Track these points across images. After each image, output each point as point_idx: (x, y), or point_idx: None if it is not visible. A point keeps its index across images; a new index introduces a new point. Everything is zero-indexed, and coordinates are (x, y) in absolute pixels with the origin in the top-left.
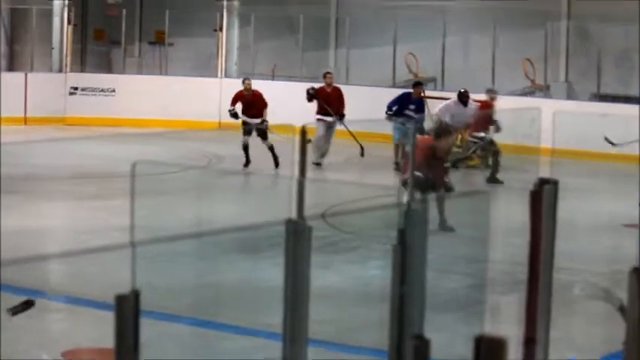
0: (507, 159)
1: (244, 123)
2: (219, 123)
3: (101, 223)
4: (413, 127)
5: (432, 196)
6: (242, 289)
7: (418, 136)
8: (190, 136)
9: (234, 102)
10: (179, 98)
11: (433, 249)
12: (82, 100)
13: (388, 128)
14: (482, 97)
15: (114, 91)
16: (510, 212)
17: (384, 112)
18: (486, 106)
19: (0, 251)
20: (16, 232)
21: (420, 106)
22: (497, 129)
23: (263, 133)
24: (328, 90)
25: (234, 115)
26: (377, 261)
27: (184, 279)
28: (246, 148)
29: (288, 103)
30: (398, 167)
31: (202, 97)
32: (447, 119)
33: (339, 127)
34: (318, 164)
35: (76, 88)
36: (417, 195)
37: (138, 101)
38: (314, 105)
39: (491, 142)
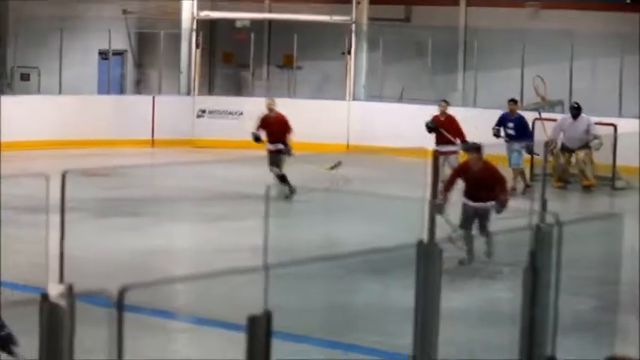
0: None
1: (269, 151)
2: (347, 145)
3: (230, 243)
4: (520, 146)
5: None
6: (371, 310)
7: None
8: (317, 160)
9: (258, 125)
10: (307, 121)
11: (562, 271)
12: (210, 123)
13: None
14: (606, 120)
15: (242, 113)
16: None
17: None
18: None
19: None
20: (145, 253)
21: (520, 124)
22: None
23: (277, 160)
24: (442, 119)
25: (257, 138)
26: (505, 283)
27: (314, 300)
28: (282, 177)
29: (417, 126)
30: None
31: (330, 120)
32: (558, 137)
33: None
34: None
35: (203, 111)
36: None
37: None
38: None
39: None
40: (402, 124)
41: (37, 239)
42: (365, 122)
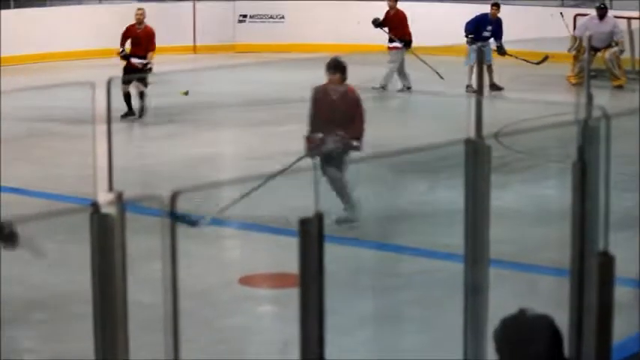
0: None
1: (128, 67)
2: (389, 46)
3: (274, 148)
4: (489, 47)
5: None
6: (420, 211)
7: None
8: (360, 60)
9: (123, 39)
10: (350, 22)
11: (611, 166)
12: (251, 28)
13: (556, 47)
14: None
15: (283, 17)
16: None
17: (465, 36)
18: None
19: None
20: (188, 160)
21: (497, 27)
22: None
23: (142, 78)
24: (391, 14)
25: (125, 57)
26: (553, 180)
27: (362, 202)
28: (127, 97)
29: (454, 25)
30: (469, 90)
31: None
32: (585, 36)
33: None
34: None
35: (245, 16)
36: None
37: (308, 27)
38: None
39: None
40: (440, 23)
41: (84, 150)
42: (419, 23)
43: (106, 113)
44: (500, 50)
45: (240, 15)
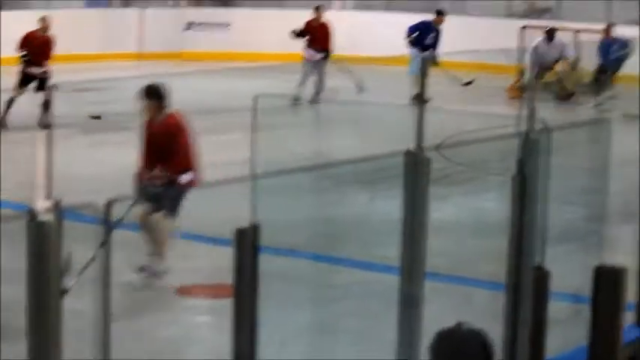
0: (628, 89)
1: (25, 74)
2: (334, 56)
3: (218, 157)
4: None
5: None
6: (359, 222)
7: None
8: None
9: (22, 45)
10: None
11: (550, 180)
12: (198, 35)
13: (500, 59)
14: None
15: (229, 25)
16: (629, 142)
17: (407, 36)
18: None
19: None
20: (130, 168)
21: (437, 37)
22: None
23: (42, 84)
24: (315, 25)
25: (28, 62)
26: (493, 192)
27: (301, 213)
28: (10, 102)
29: (403, 36)
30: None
31: None
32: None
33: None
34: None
35: (191, 23)
36: None
37: (254, 35)
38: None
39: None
40: (388, 33)
41: (25, 157)
42: (352, 32)
43: (49, 119)
44: (435, 60)
45: (187, 23)
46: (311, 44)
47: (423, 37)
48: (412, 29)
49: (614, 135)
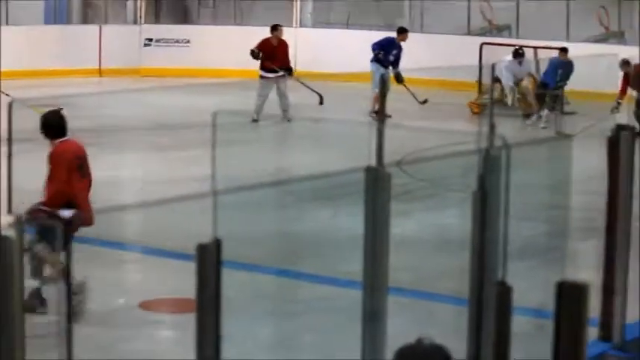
0: (585, 106)
1: None
2: (295, 72)
3: (178, 173)
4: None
5: None
6: (321, 237)
7: None
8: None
9: None
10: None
11: (511, 196)
12: (157, 52)
13: (461, 75)
14: (554, 44)
15: (188, 42)
16: (588, 159)
17: (373, 53)
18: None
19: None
20: (93, 183)
21: (399, 53)
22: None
23: None
24: (274, 44)
25: None
26: (454, 208)
27: (263, 228)
28: None
29: (364, 53)
30: (377, 115)
31: None
32: (507, 78)
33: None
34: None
35: (150, 40)
36: None
37: (213, 52)
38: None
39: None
40: (349, 50)
41: None
42: (312, 49)
43: (7, 135)
44: (399, 78)
45: (146, 39)
46: (269, 62)
47: (387, 53)
48: (377, 46)
49: (579, 151)
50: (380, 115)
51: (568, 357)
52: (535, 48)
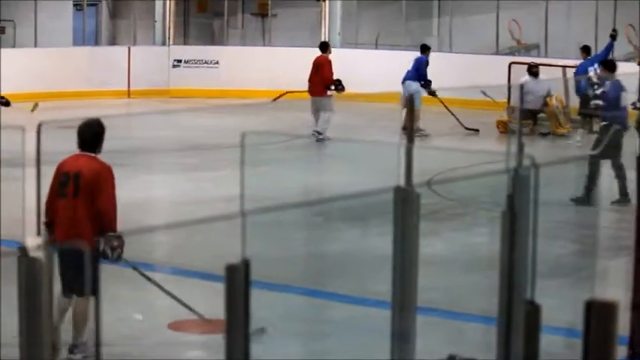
0: None
1: None
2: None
3: (206, 194)
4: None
5: None
6: (350, 257)
7: None
8: (296, 106)
9: None
10: (283, 69)
11: (540, 215)
12: (186, 73)
13: (490, 94)
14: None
15: (217, 63)
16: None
17: (422, 74)
18: None
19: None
20: (120, 204)
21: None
22: None
23: None
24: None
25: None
26: (483, 228)
27: (292, 249)
28: None
29: (392, 72)
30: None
31: (306, 68)
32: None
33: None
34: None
35: (179, 61)
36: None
37: (241, 73)
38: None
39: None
40: (377, 70)
41: (14, 193)
42: (341, 69)
43: (36, 157)
44: (434, 93)
45: (175, 60)
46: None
47: (425, 72)
48: (424, 67)
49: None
50: (415, 132)
51: None
52: (564, 67)
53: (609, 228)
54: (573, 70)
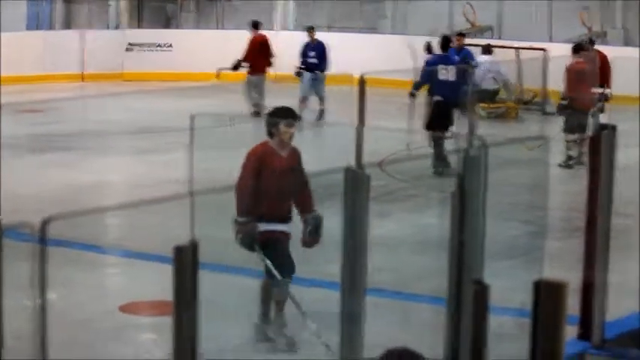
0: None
1: None
2: (275, 75)
3: (158, 176)
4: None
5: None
6: (299, 238)
7: None
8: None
9: None
10: (236, 52)
11: (491, 196)
12: (139, 56)
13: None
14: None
15: (171, 46)
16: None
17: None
18: None
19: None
20: (73, 187)
21: (321, 50)
22: None
23: None
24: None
25: None
26: (435, 209)
27: None
28: None
29: (346, 54)
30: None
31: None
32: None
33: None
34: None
35: (133, 44)
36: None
37: (195, 56)
38: (373, 55)
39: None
40: (332, 53)
41: None
42: (295, 52)
43: None
44: None
45: (129, 43)
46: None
47: (305, 58)
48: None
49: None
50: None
51: (545, 356)
52: (517, 49)
53: (559, 209)
54: (528, 51)
